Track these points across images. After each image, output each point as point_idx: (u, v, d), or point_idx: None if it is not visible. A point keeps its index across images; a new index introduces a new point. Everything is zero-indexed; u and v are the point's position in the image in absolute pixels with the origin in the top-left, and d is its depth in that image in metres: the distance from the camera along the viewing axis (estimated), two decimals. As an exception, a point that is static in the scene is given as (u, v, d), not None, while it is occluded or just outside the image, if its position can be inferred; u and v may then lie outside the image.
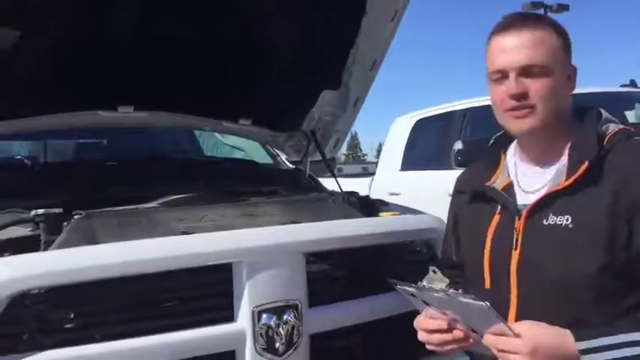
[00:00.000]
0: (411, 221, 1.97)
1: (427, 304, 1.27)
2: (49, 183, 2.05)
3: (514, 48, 1.25)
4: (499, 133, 1.46)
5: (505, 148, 1.43)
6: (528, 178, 1.34)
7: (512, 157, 1.40)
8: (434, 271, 1.39)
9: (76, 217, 1.59)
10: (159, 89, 2.31)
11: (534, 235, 1.26)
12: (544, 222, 1.25)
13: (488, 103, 1.38)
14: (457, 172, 1.58)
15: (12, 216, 1.65)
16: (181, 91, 2.35)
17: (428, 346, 1.32)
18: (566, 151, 1.29)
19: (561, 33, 1.29)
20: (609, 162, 1.23)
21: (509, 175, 1.37)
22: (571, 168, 1.25)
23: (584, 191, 1.22)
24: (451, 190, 1.56)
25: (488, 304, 1.13)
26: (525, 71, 1.25)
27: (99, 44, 2.10)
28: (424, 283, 1.34)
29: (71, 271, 1.37)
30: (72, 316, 1.39)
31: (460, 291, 1.25)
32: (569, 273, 1.20)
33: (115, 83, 2.22)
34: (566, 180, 1.24)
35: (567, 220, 1.22)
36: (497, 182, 1.37)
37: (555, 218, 1.24)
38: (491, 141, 1.48)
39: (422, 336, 1.32)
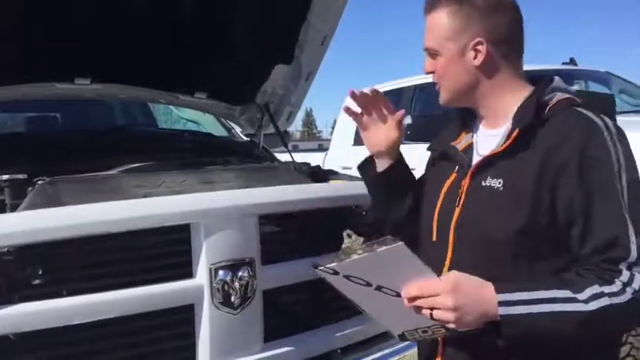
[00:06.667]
0: (356, 187, 2.11)
1: (350, 279, 1.18)
2: (6, 154, 2.05)
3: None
4: None
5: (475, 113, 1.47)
6: (483, 141, 1.41)
7: (477, 121, 1.46)
8: (348, 235, 1.31)
9: (39, 182, 1.66)
10: (116, 63, 2.35)
11: (474, 195, 1.34)
12: (482, 183, 1.33)
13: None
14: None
15: (-24, 182, 1.70)
16: (138, 64, 2.39)
17: None
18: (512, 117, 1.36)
19: (460, 8, 1.33)
20: (544, 129, 1.29)
21: (472, 137, 1.44)
22: (509, 134, 1.32)
23: (516, 156, 1.29)
24: None
25: (402, 242, 1.12)
26: (428, 53, 1.37)
27: (55, 16, 2.12)
28: (340, 254, 1.21)
29: (39, 230, 1.44)
30: (40, 272, 1.47)
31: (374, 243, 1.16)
32: (492, 232, 1.28)
33: (71, 56, 2.25)
34: (503, 144, 1.32)
35: (499, 182, 1.29)
36: (461, 143, 1.44)
37: (491, 180, 1.31)
38: None
39: None
